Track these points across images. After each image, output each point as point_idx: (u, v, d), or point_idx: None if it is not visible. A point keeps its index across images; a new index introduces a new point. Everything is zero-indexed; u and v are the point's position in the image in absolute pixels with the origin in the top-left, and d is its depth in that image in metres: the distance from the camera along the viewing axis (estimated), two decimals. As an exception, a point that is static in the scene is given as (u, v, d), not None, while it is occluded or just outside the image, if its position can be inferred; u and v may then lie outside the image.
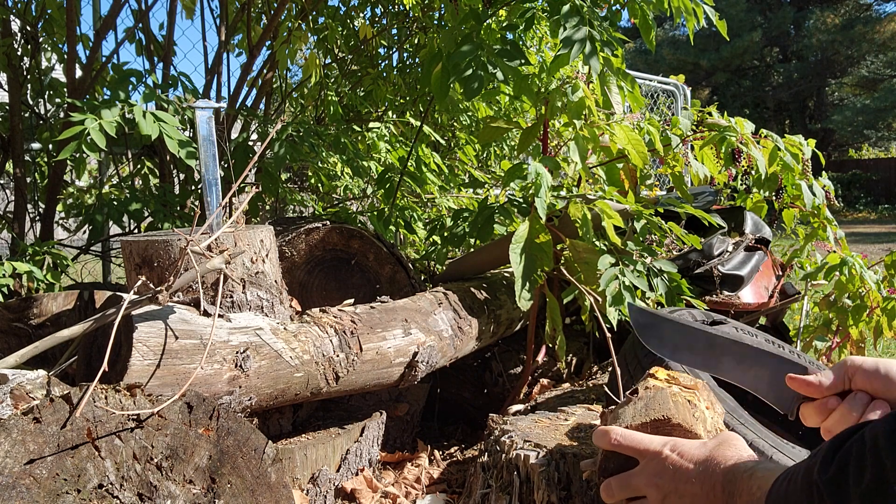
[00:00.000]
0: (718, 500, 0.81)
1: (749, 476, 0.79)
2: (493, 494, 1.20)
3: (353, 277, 2.10)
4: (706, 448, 0.87)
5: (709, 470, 0.83)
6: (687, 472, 0.85)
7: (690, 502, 0.84)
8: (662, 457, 0.88)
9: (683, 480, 0.85)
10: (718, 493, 0.81)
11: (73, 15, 2.37)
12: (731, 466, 0.82)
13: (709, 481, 0.83)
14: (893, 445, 0.60)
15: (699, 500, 0.83)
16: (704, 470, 0.84)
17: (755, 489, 0.77)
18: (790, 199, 2.72)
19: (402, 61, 3.41)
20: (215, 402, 1.12)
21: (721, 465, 0.83)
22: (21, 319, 1.85)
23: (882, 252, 7.16)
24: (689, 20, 2.14)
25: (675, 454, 0.87)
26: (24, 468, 0.92)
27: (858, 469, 0.62)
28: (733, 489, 0.80)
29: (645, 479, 0.89)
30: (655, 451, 0.89)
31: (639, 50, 21.44)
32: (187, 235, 1.26)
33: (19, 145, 2.55)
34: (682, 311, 1.90)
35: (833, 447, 0.66)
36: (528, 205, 2.01)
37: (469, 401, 2.36)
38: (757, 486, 0.77)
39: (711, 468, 0.83)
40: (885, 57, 22.65)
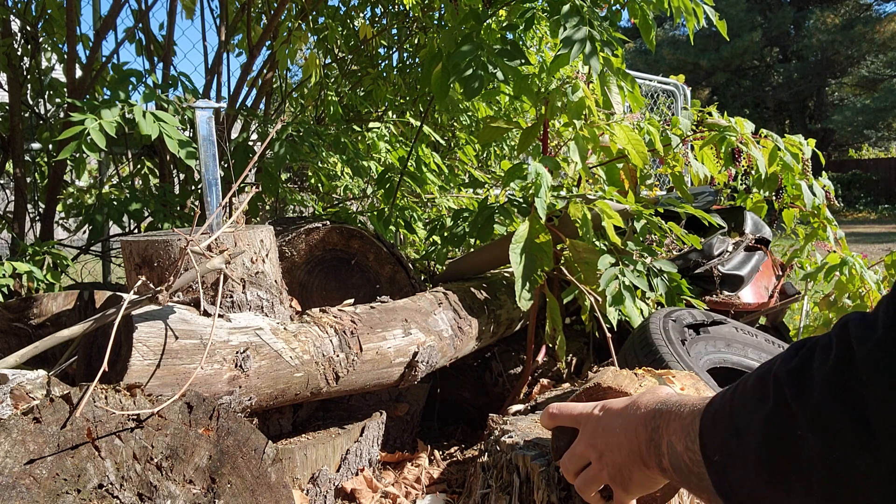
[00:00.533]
0: (642, 443, 0.78)
1: (676, 405, 0.75)
2: (493, 494, 1.20)
3: (353, 277, 2.09)
4: (629, 398, 0.85)
5: (629, 415, 0.81)
6: (612, 423, 0.83)
7: (619, 454, 0.81)
8: (592, 416, 0.87)
9: (611, 433, 0.83)
10: (641, 434, 0.78)
11: (73, 15, 2.37)
12: (653, 406, 0.78)
13: (631, 427, 0.80)
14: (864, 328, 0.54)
15: (625, 451, 0.80)
16: (626, 416, 0.82)
17: (685, 413, 0.72)
18: (790, 199, 2.72)
19: (402, 61, 3.41)
20: (215, 402, 1.12)
21: (641, 409, 0.80)
22: (21, 319, 1.85)
23: (882, 252, 7.16)
24: (689, 20, 2.14)
25: (604, 410, 0.86)
26: (24, 468, 0.92)
27: (824, 353, 0.57)
28: (657, 424, 0.76)
29: (583, 443, 0.88)
30: (587, 414, 0.88)
31: (639, 50, 21.44)
32: (187, 235, 1.26)
33: (19, 145, 2.55)
34: (681, 311, 1.90)
35: (796, 344, 0.61)
36: (528, 205, 2.01)
37: (469, 401, 2.36)
38: (688, 411, 0.72)
39: (631, 413, 0.81)
40: (885, 57, 22.65)
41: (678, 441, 0.71)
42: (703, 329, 1.88)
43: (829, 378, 0.54)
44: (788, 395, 0.57)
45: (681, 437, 0.71)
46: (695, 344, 1.79)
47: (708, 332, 1.88)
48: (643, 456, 0.78)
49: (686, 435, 0.70)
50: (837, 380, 0.54)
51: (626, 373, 1.05)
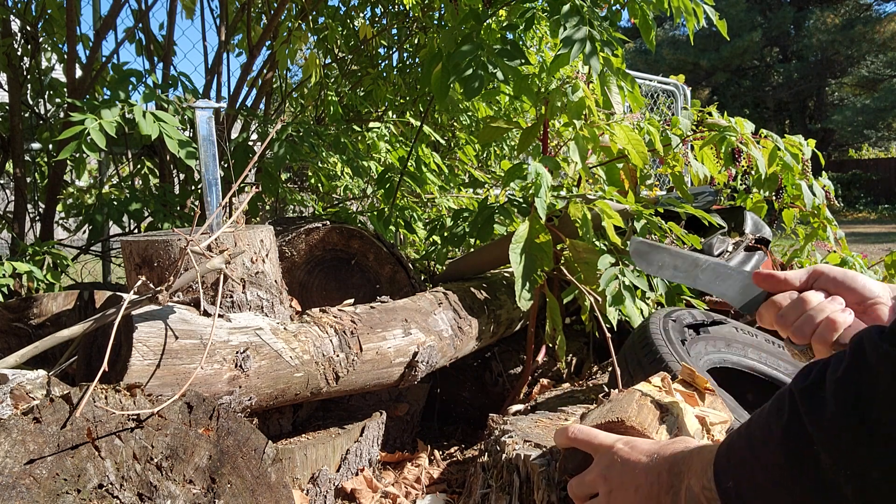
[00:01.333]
0: (663, 488, 0.77)
1: (699, 451, 0.74)
2: (492, 494, 1.20)
3: (353, 277, 2.09)
4: (658, 443, 0.84)
5: (656, 459, 0.80)
6: (635, 463, 0.82)
7: (634, 495, 0.80)
8: (613, 451, 0.86)
9: (630, 472, 0.82)
10: (664, 479, 0.77)
11: (73, 15, 2.37)
12: (679, 452, 0.78)
13: (654, 470, 0.79)
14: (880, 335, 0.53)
15: (643, 493, 0.79)
16: (651, 460, 0.81)
17: (706, 453, 0.72)
18: (790, 199, 2.72)
19: (402, 61, 3.41)
20: (215, 402, 1.12)
21: (669, 454, 0.79)
22: (21, 319, 1.85)
23: (882, 252, 7.16)
24: (689, 20, 2.14)
25: (627, 447, 0.85)
26: (24, 468, 0.92)
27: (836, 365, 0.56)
28: (680, 470, 0.75)
29: (595, 473, 0.87)
30: (607, 446, 0.88)
31: (639, 50, 21.44)
32: (187, 235, 1.26)
33: (19, 145, 2.55)
34: (681, 311, 1.90)
35: (811, 364, 0.61)
36: (528, 205, 2.01)
37: (469, 401, 2.36)
38: (709, 450, 0.71)
39: (659, 457, 0.80)
40: (885, 57, 22.65)
41: (696, 482, 0.71)
42: (703, 329, 1.88)
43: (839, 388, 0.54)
44: (803, 412, 0.57)
45: (699, 477, 0.71)
46: (695, 344, 1.79)
47: (708, 332, 1.88)
48: (660, 502, 0.77)
49: (704, 474, 0.70)
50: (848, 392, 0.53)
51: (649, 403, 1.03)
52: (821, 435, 0.54)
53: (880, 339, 0.53)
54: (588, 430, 0.93)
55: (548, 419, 1.39)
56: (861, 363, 0.54)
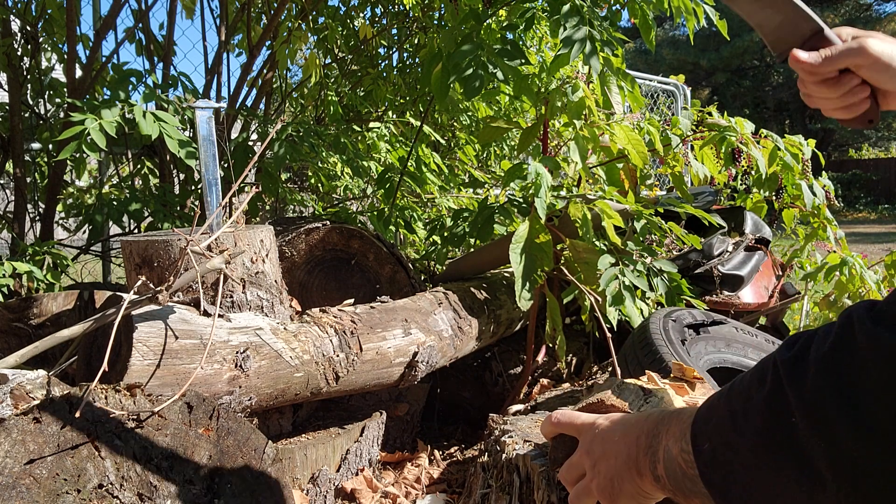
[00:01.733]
0: (641, 450, 0.75)
1: (678, 413, 0.73)
2: (492, 494, 1.20)
3: (353, 277, 2.09)
4: (637, 413, 0.83)
5: (634, 424, 0.79)
6: (613, 431, 0.81)
7: (615, 462, 0.79)
8: (594, 425, 0.86)
9: (610, 441, 0.81)
10: (642, 442, 0.75)
11: (73, 15, 2.37)
12: (657, 416, 0.76)
13: (633, 434, 0.78)
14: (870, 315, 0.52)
15: (622, 458, 0.78)
16: (628, 426, 0.80)
17: (685, 417, 0.70)
18: (790, 199, 2.72)
19: (402, 61, 3.41)
20: (215, 402, 1.12)
21: (646, 418, 0.78)
22: (21, 319, 1.85)
23: (882, 252, 7.16)
24: (689, 20, 2.14)
25: (606, 420, 0.85)
26: (24, 468, 0.92)
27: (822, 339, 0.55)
28: (658, 430, 0.74)
29: (579, 452, 0.86)
30: (589, 423, 0.87)
31: (639, 50, 21.43)
32: (187, 235, 1.26)
33: (19, 145, 2.55)
34: (681, 311, 1.90)
35: (796, 335, 0.60)
36: (528, 205, 2.01)
37: (469, 401, 2.36)
38: (688, 414, 0.70)
39: (636, 423, 0.79)
40: (885, 57, 22.64)
41: (674, 444, 0.70)
42: (703, 329, 1.88)
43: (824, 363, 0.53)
44: (784, 381, 0.56)
45: (677, 440, 0.70)
46: (695, 344, 1.79)
47: (708, 332, 1.88)
48: (639, 464, 0.76)
49: (682, 436, 0.69)
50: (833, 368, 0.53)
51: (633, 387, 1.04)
52: (800, 403, 0.54)
53: (872, 323, 0.52)
54: (570, 412, 0.92)
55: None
56: (849, 342, 0.53)
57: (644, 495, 0.78)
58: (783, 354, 0.58)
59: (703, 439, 0.64)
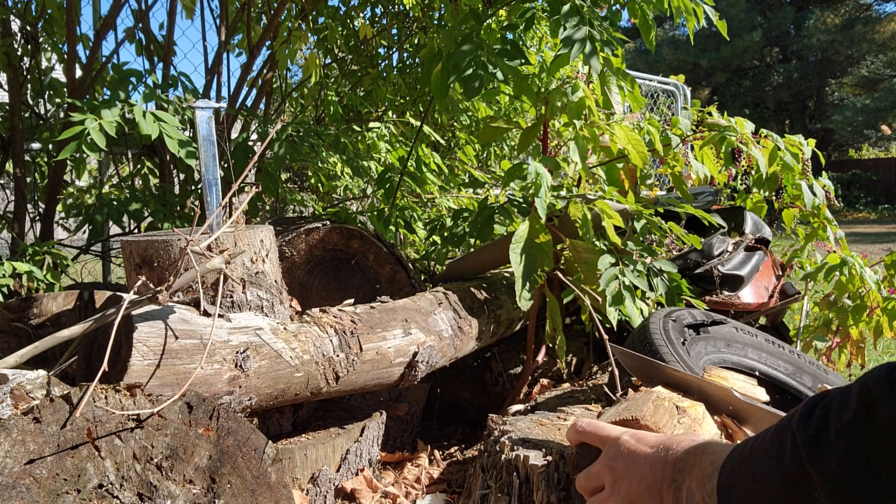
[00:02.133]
0: (666, 480, 0.77)
1: (701, 451, 0.75)
2: (492, 495, 1.20)
3: (353, 277, 2.09)
4: (664, 436, 0.84)
5: (661, 452, 0.80)
6: (639, 454, 0.82)
7: (638, 486, 0.80)
8: (619, 441, 0.86)
9: (635, 463, 0.82)
10: (668, 473, 0.77)
11: (73, 15, 2.37)
12: (685, 448, 0.78)
13: (659, 462, 0.79)
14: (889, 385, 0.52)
15: (646, 483, 0.79)
16: (656, 451, 0.81)
17: (706, 463, 0.72)
18: (790, 199, 2.72)
19: (402, 61, 3.41)
20: (215, 402, 1.12)
21: (675, 449, 0.79)
22: (21, 319, 1.85)
23: (882, 252, 7.16)
24: (689, 20, 2.14)
25: (633, 439, 0.85)
26: (24, 468, 0.92)
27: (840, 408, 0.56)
28: (683, 466, 0.76)
29: (601, 464, 0.87)
30: (614, 437, 0.88)
31: (639, 50, 21.44)
32: (187, 235, 1.26)
33: (19, 145, 2.55)
34: (681, 311, 1.90)
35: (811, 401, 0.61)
36: (528, 205, 2.01)
37: (469, 401, 2.36)
38: (710, 461, 0.72)
39: (664, 450, 0.80)
40: (885, 57, 22.65)
41: (697, 490, 0.72)
42: (703, 329, 1.88)
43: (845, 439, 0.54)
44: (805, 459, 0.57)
45: (700, 486, 0.72)
46: (695, 344, 1.79)
47: (708, 332, 1.88)
48: (662, 494, 0.77)
49: (704, 487, 0.71)
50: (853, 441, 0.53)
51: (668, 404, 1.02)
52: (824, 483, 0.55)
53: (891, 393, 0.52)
54: (596, 423, 0.93)
55: (548, 419, 1.39)
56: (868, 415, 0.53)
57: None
58: (803, 430, 0.58)
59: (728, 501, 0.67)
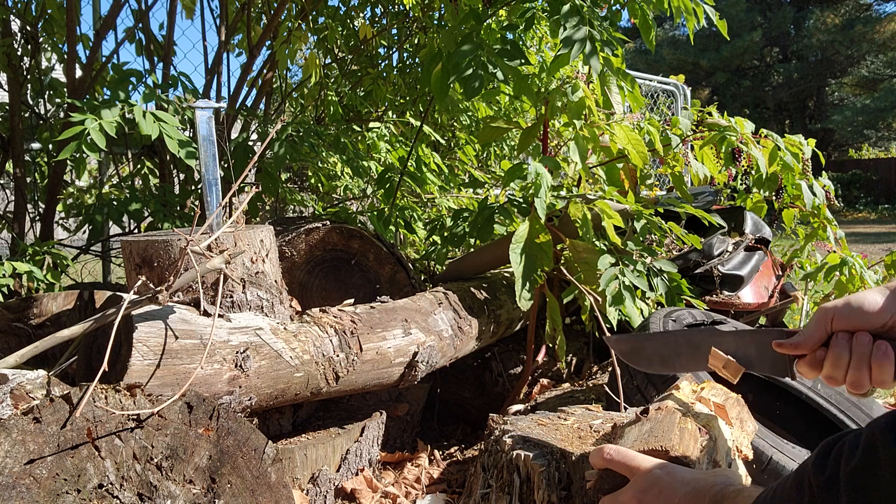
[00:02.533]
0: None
1: (736, 493, 0.78)
2: (493, 494, 1.20)
3: (353, 277, 2.09)
4: (697, 474, 0.86)
5: (696, 490, 0.82)
6: (673, 490, 0.84)
7: None
8: (652, 475, 0.87)
9: (668, 498, 0.83)
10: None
11: (73, 15, 2.37)
12: (720, 487, 0.81)
13: (694, 501, 0.81)
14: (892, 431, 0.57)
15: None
16: (691, 490, 0.83)
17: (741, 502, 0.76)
18: (790, 199, 2.72)
19: (402, 61, 3.41)
20: (215, 402, 1.12)
21: (710, 486, 0.82)
22: (21, 319, 1.85)
23: (882, 252, 7.16)
24: (689, 20, 2.14)
25: (665, 473, 0.86)
26: (24, 468, 0.92)
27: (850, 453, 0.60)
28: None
29: (629, 495, 0.88)
30: (646, 469, 0.88)
31: (639, 50, 21.43)
32: (187, 235, 1.26)
33: (19, 145, 2.55)
34: (681, 311, 1.90)
35: (827, 446, 0.64)
36: (528, 205, 2.01)
37: (469, 401, 2.36)
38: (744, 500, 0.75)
39: (699, 488, 0.82)
40: (885, 57, 22.65)
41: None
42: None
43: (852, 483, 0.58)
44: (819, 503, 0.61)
45: None
46: (695, 344, 1.78)
47: (708, 332, 1.88)
48: None
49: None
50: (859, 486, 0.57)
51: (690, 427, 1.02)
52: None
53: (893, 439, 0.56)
54: (625, 451, 0.93)
55: (548, 419, 1.39)
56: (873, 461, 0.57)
57: None
58: (818, 474, 0.63)
59: None
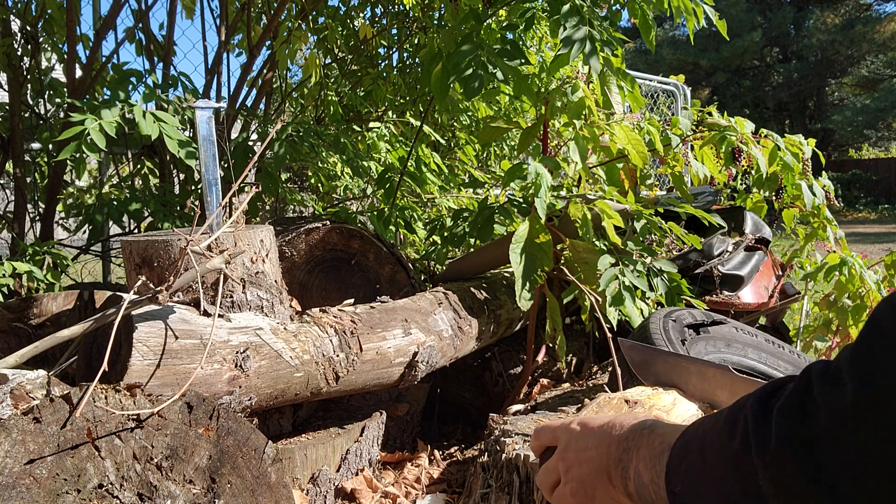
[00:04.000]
0: (612, 461, 0.76)
1: (649, 432, 0.74)
2: (492, 494, 1.20)
3: (353, 277, 2.09)
4: (610, 416, 0.84)
5: (606, 432, 0.79)
6: (586, 438, 0.82)
7: (588, 470, 0.79)
8: (569, 430, 0.86)
9: (582, 446, 0.82)
10: (613, 453, 0.76)
11: (73, 15, 2.37)
12: (629, 427, 0.77)
13: (604, 442, 0.78)
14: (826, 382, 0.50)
15: (594, 466, 0.79)
16: (602, 433, 0.80)
17: (656, 443, 0.71)
18: (790, 199, 2.72)
19: (402, 61, 3.41)
20: (215, 402, 1.12)
21: (619, 427, 0.78)
22: (21, 319, 1.85)
23: (882, 252, 7.16)
24: (689, 20, 2.14)
25: (580, 426, 0.85)
26: (24, 468, 0.92)
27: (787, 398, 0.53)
28: (629, 446, 0.75)
29: (555, 456, 0.86)
30: (564, 427, 0.87)
31: (639, 50, 21.43)
32: (187, 235, 1.26)
33: (19, 145, 2.55)
34: (681, 311, 1.90)
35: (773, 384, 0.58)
36: (528, 205, 2.01)
37: (469, 401, 2.36)
38: (659, 441, 0.71)
39: (608, 430, 0.79)
40: (885, 57, 22.65)
41: (645, 470, 0.71)
42: (703, 329, 1.88)
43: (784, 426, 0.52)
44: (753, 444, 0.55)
45: (648, 467, 0.71)
46: (695, 344, 1.79)
47: (708, 332, 1.88)
48: (610, 474, 0.77)
49: (653, 466, 0.70)
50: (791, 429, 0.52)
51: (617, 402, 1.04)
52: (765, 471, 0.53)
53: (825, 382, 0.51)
54: (549, 423, 0.93)
55: (547, 419, 1.39)
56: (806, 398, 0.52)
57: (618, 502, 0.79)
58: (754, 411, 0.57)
59: (676, 481, 0.65)
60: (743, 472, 0.56)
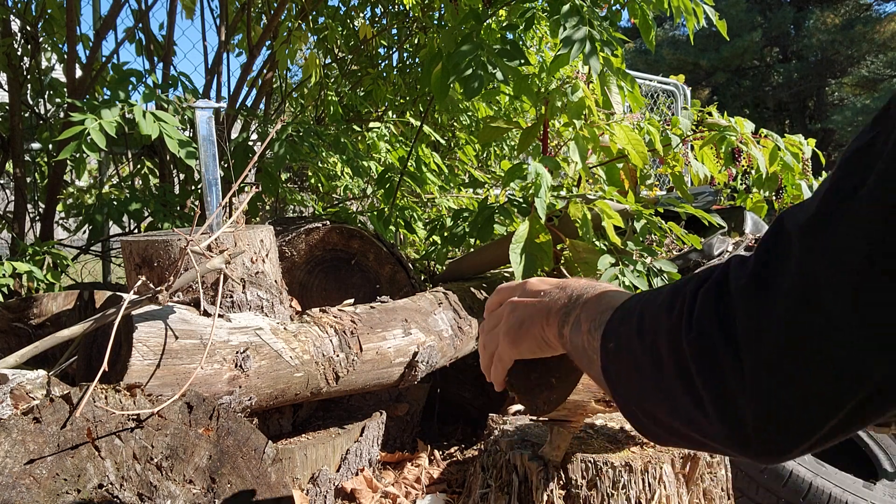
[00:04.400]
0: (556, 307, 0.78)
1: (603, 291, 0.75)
2: (492, 494, 1.20)
3: (353, 277, 2.09)
4: (571, 280, 0.85)
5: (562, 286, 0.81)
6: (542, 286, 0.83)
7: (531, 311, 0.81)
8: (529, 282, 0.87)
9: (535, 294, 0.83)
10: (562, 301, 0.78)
11: (73, 15, 2.37)
12: (585, 283, 0.79)
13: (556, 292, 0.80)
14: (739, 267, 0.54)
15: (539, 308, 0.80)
16: (557, 285, 0.82)
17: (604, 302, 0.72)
18: (790, 199, 2.72)
19: (402, 61, 3.41)
20: (215, 402, 1.12)
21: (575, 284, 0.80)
22: (21, 319, 1.85)
23: (882, 252, 7.13)
24: (689, 20, 2.14)
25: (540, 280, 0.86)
26: (24, 468, 0.92)
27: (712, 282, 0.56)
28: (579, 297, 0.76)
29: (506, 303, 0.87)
30: (524, 282, 0.88)
31: (639, 50, 21.43)
32: (187, 235, 1.26)
33: (19, 145, 2.55)
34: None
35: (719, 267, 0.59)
36: (528, 205, 2.01)
37: (469, 401, 2.36)
38: (607, 301, 0.72)
39: (564, 285, 0.81)
40: (885, 57, 22.64)
41: (585, 321, 0.73)
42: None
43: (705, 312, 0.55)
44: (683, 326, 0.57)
45: (588, 318, 0.72)
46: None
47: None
48: (551, 314, 0.79)
49: (594, 319, 0.71)
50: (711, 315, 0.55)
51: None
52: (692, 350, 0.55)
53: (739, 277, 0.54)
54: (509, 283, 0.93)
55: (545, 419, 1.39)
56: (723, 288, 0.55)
57: (545, 343, 0.81)
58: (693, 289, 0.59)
59: (611, 338, 0.67)
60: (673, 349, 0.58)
